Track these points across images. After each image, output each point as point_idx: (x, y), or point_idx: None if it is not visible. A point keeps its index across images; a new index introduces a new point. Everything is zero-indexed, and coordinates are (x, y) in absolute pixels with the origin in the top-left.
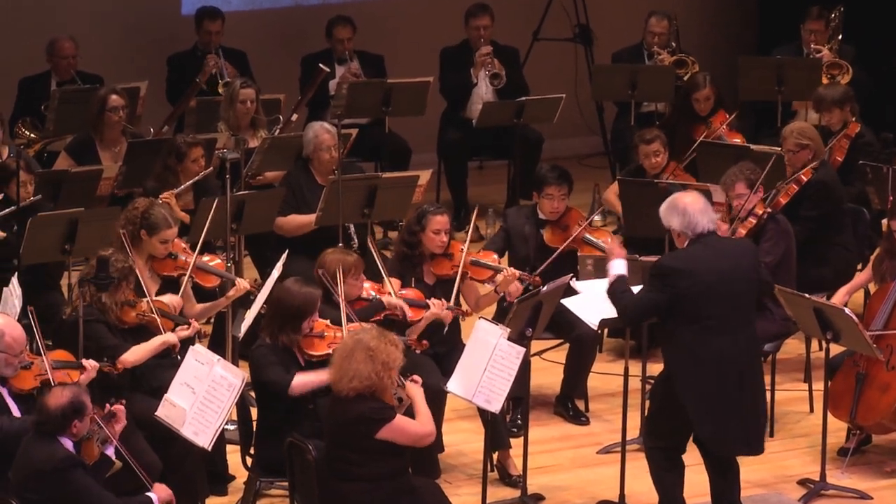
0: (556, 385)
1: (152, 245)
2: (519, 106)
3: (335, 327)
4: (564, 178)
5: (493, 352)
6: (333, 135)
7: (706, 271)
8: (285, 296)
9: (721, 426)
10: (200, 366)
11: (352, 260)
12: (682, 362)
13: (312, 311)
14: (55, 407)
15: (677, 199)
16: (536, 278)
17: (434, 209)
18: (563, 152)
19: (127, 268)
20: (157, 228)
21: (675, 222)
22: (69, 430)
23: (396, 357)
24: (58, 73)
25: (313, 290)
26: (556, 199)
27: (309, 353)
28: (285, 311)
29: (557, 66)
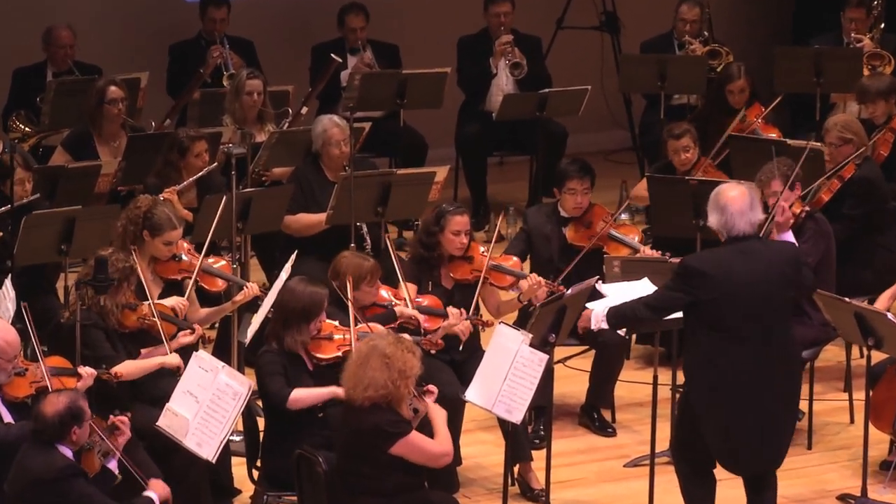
0: (580, 394)
1: (155, 247)
2: (542, 98)
3: (344, 329)
4: (586, 170)
5: (515, 359)
6: (344, 129)
7: (731, 278)
8: (290, 296)
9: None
10: (204, 373)
11: (368, 266)
12: (698, 371)
13: (319, 311)
14: (52, 413)
15: (721, 194)
16: (560, 287)
17: (454, 209)
18: (589, 147)
19: (128, 268)
20: (160, 229)
21: (712, 218)
22: (68, 437)
23: (413, 365)
24: (54, 64)
25: (319, 289)
26: (578, 193)
27: (317, 357)
28: (290, 313)
29: (582, 55)
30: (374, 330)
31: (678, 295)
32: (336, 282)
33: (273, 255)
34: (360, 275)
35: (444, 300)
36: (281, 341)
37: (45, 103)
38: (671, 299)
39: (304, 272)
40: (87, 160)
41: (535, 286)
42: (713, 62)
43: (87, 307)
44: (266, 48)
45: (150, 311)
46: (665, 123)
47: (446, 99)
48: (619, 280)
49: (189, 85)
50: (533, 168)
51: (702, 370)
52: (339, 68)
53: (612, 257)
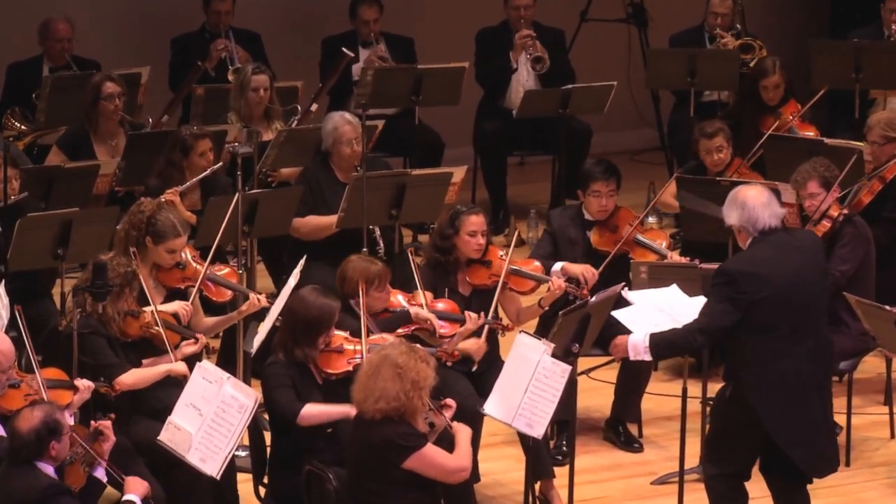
0: (605, 407)
1: (158, 254)
2: (565, 94)
3: (355, 340)
4: (612, 171)
5: (536, 370)
6: (356, 126)
7: (776, 274)
8: (300, 306)
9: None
10: (208, 385)
11: (377, 269)
12: (756, 379)
13: (329, 324)
14: (27, 430)
15: (738, 192)
16: (584, 291)
17: (468, 209)
18: (614, 147)
19: (130, 273)
20: (163, 237)
21: (734, 217)
22: (47, 453)
23: (428, 375)
24: (51, 58)
25: (331, 301)
26: (603, 196)
27: (326, 371)
28: (299, 324)
29: (608, 49)
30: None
31: (727, 307)
32: (344, 288)
33: (281, 260)
34: (368, 279)
35: (461, 307)
36: (289, 352)
37: (41, 100)
38: (722, 315)
39: (314, 278)
40: (84, 160)
41: (557, 291)
42: (746, 57)
43: (88, 314)
44: (273, 41)
45: (153, 319)
46: (695, 121)
47: (464, 95)
48: (646, 286)
49: (187, 78)
50: (555, 168)
51: (759, 378)
52: (350, 63)
53: (639, 262)
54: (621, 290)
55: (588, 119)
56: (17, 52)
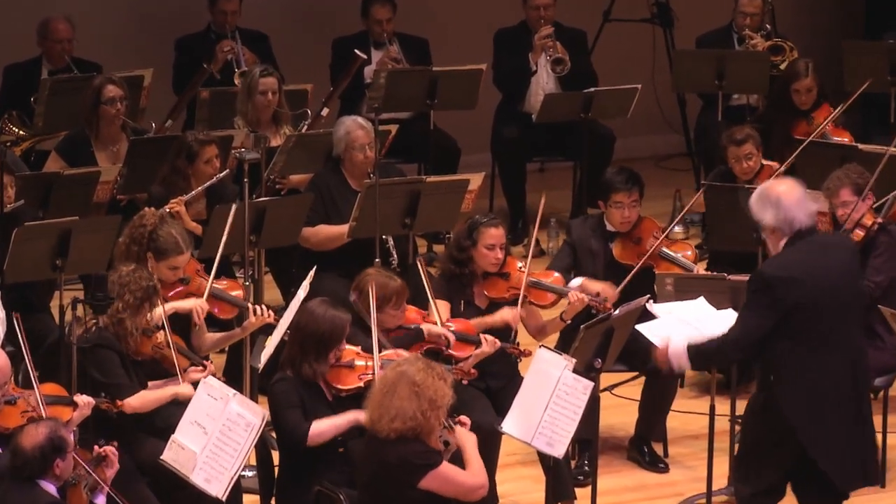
0: (629, 426)
1: (159, 270)
2: (587, 98)
3: (366, 355)
4: (634, 181)
5: (556, 386)
6: (369, 131)
7: (812, 278)
8: (309, 320)
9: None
10: (213, 402)
11: (394, 286)
12: (790, 388)
13: (340, 338)
14: (32, 447)
15: (769, 189)
16: (607, 304)
17: (487, 220)
18: (639, 152)
19: (151, 287)
20: (165, 254)
21: (767, 216)
22: (51, 471)
23: (445, 394)
24: (50, 60)
25: (341, 314)
26: (625, 207)
27: (337, 387)
28: (308, 339)
29: (632, 51)
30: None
31: (764, 316)
32: (359, 301)
33: (289, 272)
34: (384, 296)
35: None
36: (297, 368)
37: (39, 104)
38: (758, 326)
39: (324, 290)
40: (84, 166)
41: (578, 304)
42: (776, 58)
43: (103, 326)
44: (282, 42)
45: (165, 340)
46: (723, 126)
47: (481, 99)
48: (671, 299)
49: (192, 81)
50: (577, 175)
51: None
52: (362, 65)
53: (665, 274)
54: (646, 302)
55: (611, 124)
56: (14, 54)
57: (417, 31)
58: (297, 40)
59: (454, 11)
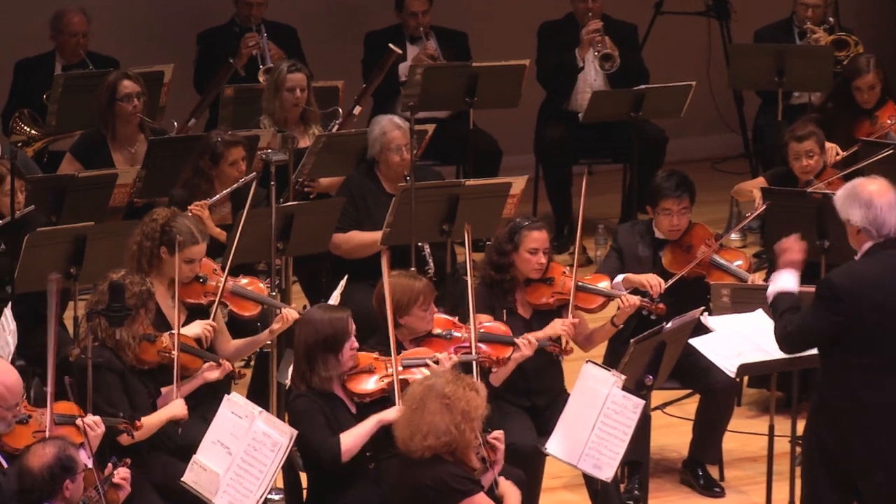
0: (682, 447)
1: (175, 266)
2: (637, 96)
3: (385, 358)
4: (684, 186)
5: (605, 404)
6: (406, 132)
7: (886, 295)
8: (308, 329)
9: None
10: (237, 420)
11: (420, 286)
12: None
13: (344, 337)
14: (39, 467)
15: (860, 186)
16: (660, 305)
17: (530, 223)
18: (693, 154)
19: (145, 292)
20: (180, 245)
21: (855, 215)
22: (60, 493)
23: (479, 405)
24: (64, 55)
25: (340, 313)
26: (674, 214)
27: (358, 393)
28: (314, 348)
29: (686, 46)
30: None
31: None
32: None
33: (319, 281)
34: (411, 296)
35: (522, 331)
36: (309, 382)
37: (53, 101)
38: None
39: (355, 301)
40: (100, 168)
41: (630, 307)
42: (840, 54)
43: (100, 341)
44: (311, 36)
45: (171, 344)
46: (783, 125)
47: (524, 97)
48: (728, 311)
49: (216, 78)
50: (627, 179)
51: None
52: (397, 60)
53: (721, 285)
54: (700, 315)
55: (663, 123)
56: (26, 48)
57: (456, 24)
58: (327, 34)
59: (495, 3)
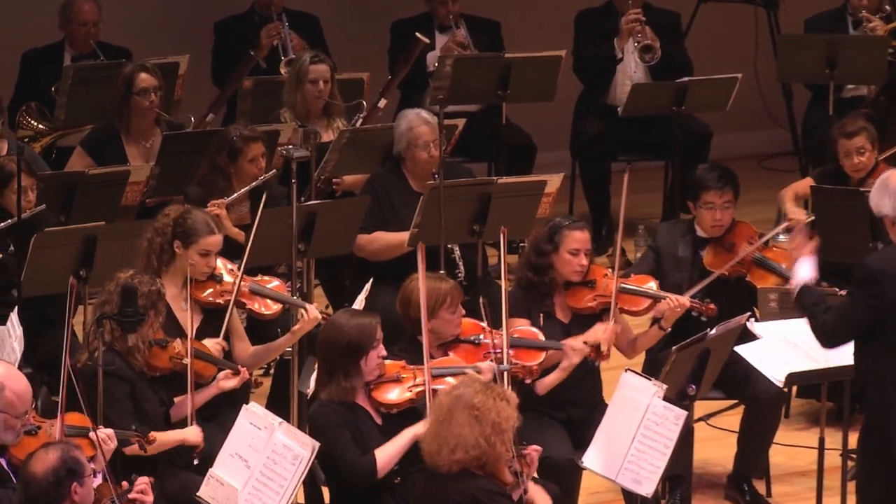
0: (727, 460)
1: (189, 260)
2: (680, 89)
3: (414, 368)
4: (727, 179)
5: (645, 415)
6: (434, 127)
7: None
8: (333, 333)
9: None
10: (256, 431)
11: (447, 287)
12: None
13: (369, 344)
14: (44, 472)
15: (889, 178)
16: (711, 305)
17: (571, 222)
18: (739, 150)
19: (154, 293)
20: (194, 236)
21: (886, 205)
22: (68, 498)
23: (509, 415)
24: (74, 45)
25: (368, 318)
26: (717, 208)
27: (384, 403)
28: (334, 353)
29: (731, 36)
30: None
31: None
32: (410, 312)
33: (343, 285)
34: (437, 298)
35: (561, 337)
36: (330, 391)
37: (62, 94)
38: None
39: (380, 305)
40: (113, 164)
41: (678, 307)
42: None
43: (108, 347)
44: (335, 25)
45: (183, 350)
46: (835, 121)
47: (560, 90)
48: (775, 317)
49: (236, 71)
50: (669, 176)
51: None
52: (425, 50)
53: (768, 289)
54: (746, 321)
55: (707, 118)
56: (33, 38)
57: (488, 12)
58: (351, 23)
59: None
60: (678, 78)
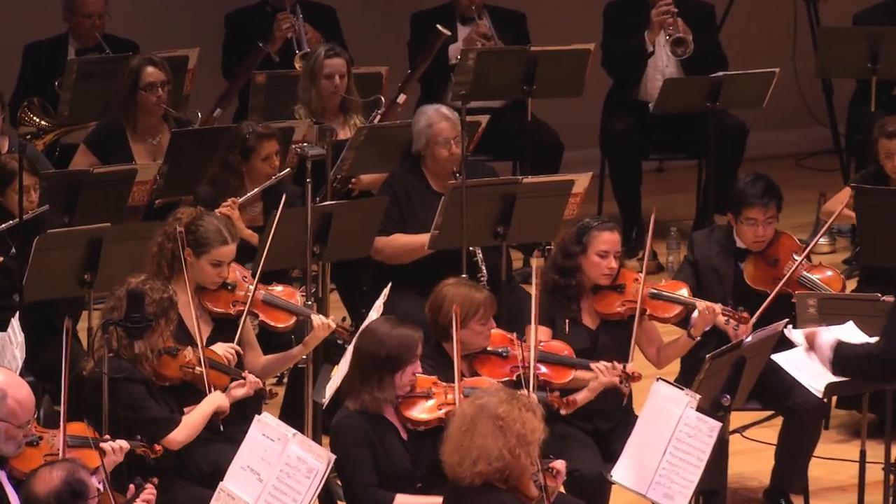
0: (764, 474)
1: (201, 269)
2: (714, 84)
3: (446, 385)
4: (771, 194)
5: (677, 427)
6: (455, 123)
7: None
8: (371, 342)
9: None
10: (269, 443)
11: (480, 298)
12: None
13: (409, 358)
14: (46, 494)
15: None
16: (744, 314)
17: (600, 223)
18: (776, 149)
19: (167, 300)
20: (206, 245)
21: None
22: None
23: (535, 427)
24: (78, 38)
25: (410, 331)
26: (760, 224)
27: (412, 420)
28: (370, 363)
29: (769, 28)
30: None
31: None
32: (439, 319)
33: (359, 290)
34: (470, 308)
35: (587, 344)
36: (360, 401)
37: (65, 89)
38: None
39: (400, 311)
40: (118, 163)
41: (709, 315)
42: None
43: (116, 354)
44: (351, 17)
45: (195, 358)
46: (878, 118)
47: (588, 85)
48: (815, 323)
49: (245, 63)
50: (702, 176)
51: None
52: (447, 43)
53: (807, 294)
54: (783, 328)
55: (743, 115)
56: (36, 30)
57: (512, 3)
58: (369, 14)
59: None
60: (712, 72)
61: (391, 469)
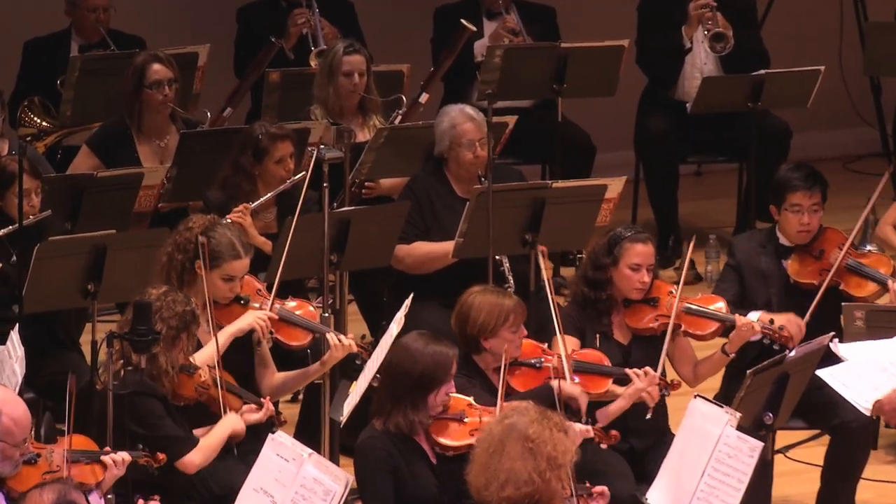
0: (809, 497)
1: (212, 283)
2: (756, 83)
3: (482, 408)
4: (815, 179)
5: (716, 447)
6: (480, 124)
7: None
8: (404, 358)
9: None
10: (284, 463)
11: (510, 304)
12: None
13: (443, 378)
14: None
15: None
16: (784, 333)
17: (633, 233)
18: (822, 151)
19: (189, 313)
20: (218, 259)
21: None
22: None
23: (567, 449)
24: (81, 33)
25: (446, 348)
26: (805, 211)
27: (442, 444)
28: (402, 381)
29: (813, 23)
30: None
31: None
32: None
33: (379, 301)
34: (499, 316)
35: (619, 360)
36: (389, 421)
37: (68, 88)
38: None
39: (422, 323)
40: (124, 166)
41: (747, 331)
42: None
43: (135, 368)
44: (370, 12)
45: (209, 379)
46: None
47: (622, 83)
48: (862, 337)
49: (255, 60)
50: (743, 180)
51: None
52: (472, 39)
53: (854, 305)
54: (829, 342)
55: (786, 115)
56: (37, 26)
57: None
58: (389, 9)
59: None
60: (753, 70)
61: (416, 494)
